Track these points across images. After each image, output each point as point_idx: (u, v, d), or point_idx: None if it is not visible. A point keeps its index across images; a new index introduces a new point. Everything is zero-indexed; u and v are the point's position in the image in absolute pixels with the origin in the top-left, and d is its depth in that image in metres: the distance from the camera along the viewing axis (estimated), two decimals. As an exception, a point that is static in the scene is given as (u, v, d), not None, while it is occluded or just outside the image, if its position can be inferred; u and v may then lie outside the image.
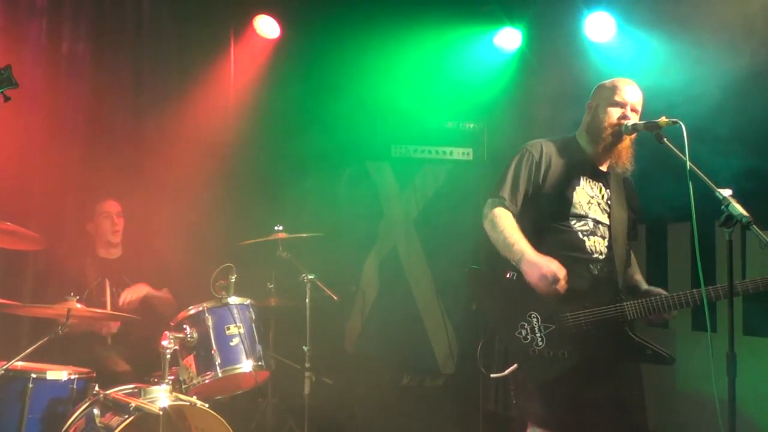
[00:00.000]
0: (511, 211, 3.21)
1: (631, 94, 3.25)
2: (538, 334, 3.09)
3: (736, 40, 4.15)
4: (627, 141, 3.24)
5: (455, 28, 5.42)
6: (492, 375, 3.07)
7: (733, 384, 2.55)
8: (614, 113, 3.22)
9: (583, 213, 3.23)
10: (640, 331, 3.22)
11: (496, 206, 3.22)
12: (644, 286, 3.39)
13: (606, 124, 3.23)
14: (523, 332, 3.10)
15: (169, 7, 5.27)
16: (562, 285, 2.98)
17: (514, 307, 3.13)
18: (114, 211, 4.56)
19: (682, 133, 2.84)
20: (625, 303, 3.12)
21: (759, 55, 4.09)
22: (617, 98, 3.23)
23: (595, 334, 3.08)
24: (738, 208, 2.62)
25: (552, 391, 3.06)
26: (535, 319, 3.10)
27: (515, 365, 3.06)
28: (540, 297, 3.08)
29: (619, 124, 3.20)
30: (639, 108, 3.27)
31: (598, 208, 3.28)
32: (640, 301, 3.13)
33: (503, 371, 3.06)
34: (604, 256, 3.22)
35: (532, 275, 3.00)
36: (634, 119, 3.21)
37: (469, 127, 5.77)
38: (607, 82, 3.34)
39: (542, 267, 2.98)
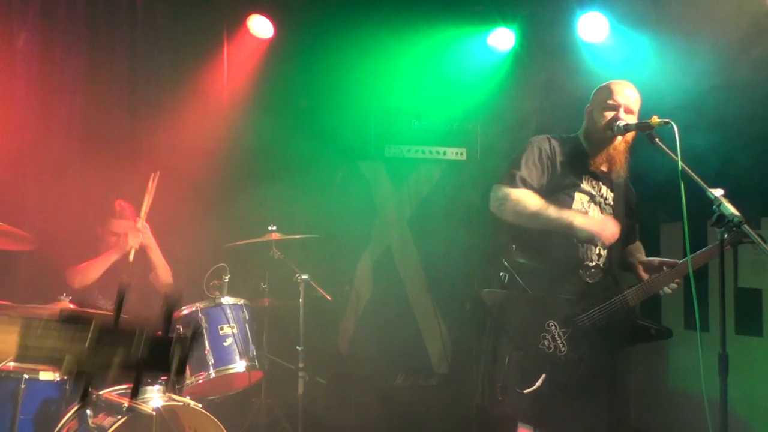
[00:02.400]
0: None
1: (624, 95, 3.25)
2: (559, 341, 3.14)
3: (729, 39, 4.17)
4: (621, 144, 3.25)
5: (449, 28, 5.41)
6: (525, 391, 3.10)
7: (725, 383, 2.56)
8: (608, 115, 3.23)
9: (582, 211, 3.23)
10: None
11: (510, 188, 3.20)
12: (642, 259, 3.46)
13: (599, 126, 3.26)
14: (546, 342, 3.14)
15: (163, 7, 5.25)
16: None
17: (533, 320, 3.16)
18: (122, 232, 4.33)
19: (674, 133, 2.85)
20: (625, 292, 3.19)
21: (752, 55, 4.11)
22: (610, 101, 3.25)
23: (608, 327, 3.16)
24: (730, 208, 2.64)
25: (543, 390, 3.09)
26: (553, 327, 3.15)
27: (543, 375, 3.09)
28: (553, 305, 3.15)
29: (611, 126, 3.21)
30: (635, 109, 3.27)
31: (598, 207, 3.29)
32: (636, 286, 3.21)
33: (533, 384, 3.09)
34: (594, 263, 3.24)
35: (595, 231, 3.12)
36: (629, 120, 3.21)
37: (463, 127, 5.78)
38: (603, 85, 3.36)
39: (596, 222, 3.13)
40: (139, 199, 4.55)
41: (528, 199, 3.17)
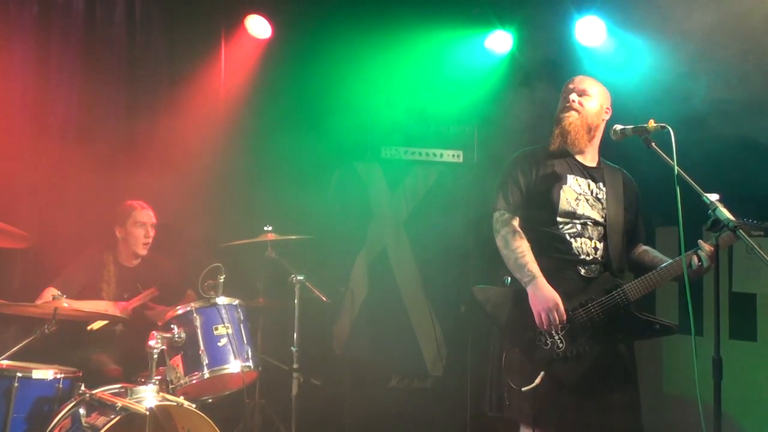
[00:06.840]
0: (516, 216, 3.30)
1: (575, 81, 3.39)
2: (556, 337, 3.12)
3: (726, 43, 4.17)
4: (577, 120, 3.31)
5: (446, 30, 5.42)
6: (523, 389, 3.07)
7: (719, 387, 2.56)
8: (562, 101, 3.39)
9: (570, 210, 3.24)
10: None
11: (505, 221, 3.29)
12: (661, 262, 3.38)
13: (557, 113, 3.39)
14: (542, 338, 3.12)
15: (160, 7, 5.25)
16: (560, 314, 3.07)
17: (527, 316, 3.13)
18: (149, 222, 4.42)
19: (671, 138, 2.86)
20: (625, 286, 3.16)
21: (748, 59, 4.12)
22: (563, 93, 3.40)
23: (607, 322, 3.14)
24: (725, 213, 2.65)
25: (546, 391, 3.07)
26: None
27: (542, 373, 3.07)
28: None
29: (562, 111, 3.35)
30: (590, 92, 3.36)
31: (586, 203, 3.30)
32: (636, 280, 3.16)
33: (532, 382, 3.06)
34: (591, 258, 3.24)
35: (536, 302, 3.10)
36: (585, 102, 3.32)
37: (460, 129, 5.78)
38: None
39: (548, 300, 3.08)
40: (137, 197, 4.55)
41: (516, 239, 3.24)
